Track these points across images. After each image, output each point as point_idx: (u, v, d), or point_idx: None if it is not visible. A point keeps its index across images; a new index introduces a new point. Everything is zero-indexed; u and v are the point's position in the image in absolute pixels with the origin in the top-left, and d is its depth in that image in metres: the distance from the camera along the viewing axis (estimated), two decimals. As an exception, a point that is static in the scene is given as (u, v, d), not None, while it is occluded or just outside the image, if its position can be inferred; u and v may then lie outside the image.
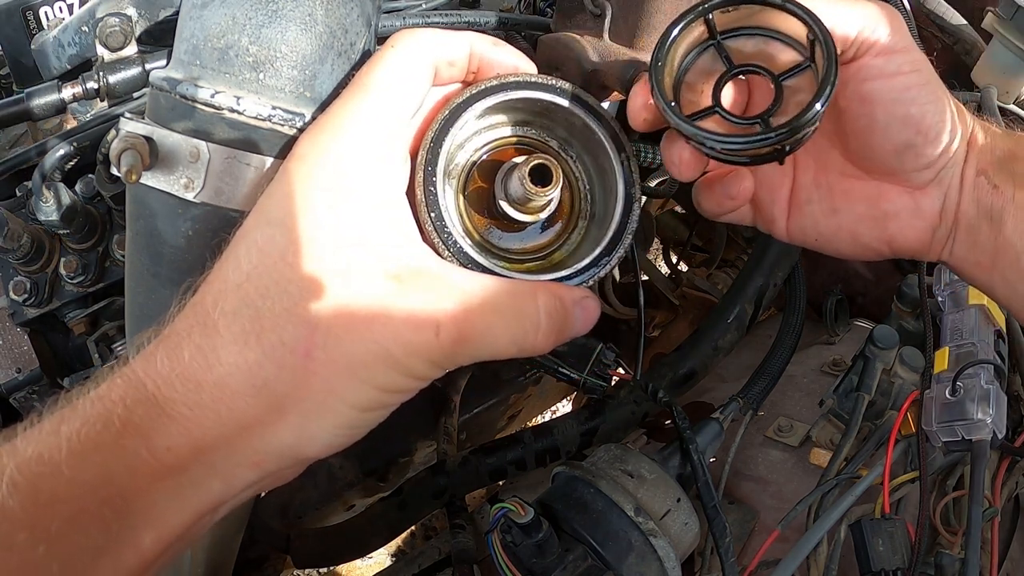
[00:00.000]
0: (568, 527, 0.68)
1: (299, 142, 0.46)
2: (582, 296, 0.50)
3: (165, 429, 0.43)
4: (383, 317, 0.43)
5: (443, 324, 0.44)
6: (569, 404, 1.91)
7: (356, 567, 1.95)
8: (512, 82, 0.51)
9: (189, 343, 0.43)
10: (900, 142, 0.53)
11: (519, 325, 0.47)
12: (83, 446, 0.41)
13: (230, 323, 0.43)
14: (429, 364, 0.45)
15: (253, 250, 0.44)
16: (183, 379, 0.43)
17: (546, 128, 0.55)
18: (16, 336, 0.78)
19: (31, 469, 0.41)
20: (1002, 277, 0.56)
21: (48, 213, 0.71)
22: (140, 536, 0.43)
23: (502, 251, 0.53)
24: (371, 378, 0.44)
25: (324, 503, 1.07)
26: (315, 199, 0.44)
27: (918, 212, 0.56)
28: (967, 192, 0.55)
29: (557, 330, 0.48)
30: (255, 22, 0.47)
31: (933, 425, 0.78)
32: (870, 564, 0.73)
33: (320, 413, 0.44)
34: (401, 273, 0.45)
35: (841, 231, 0.58)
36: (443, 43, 0.48)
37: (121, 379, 0.44)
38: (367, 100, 0.46)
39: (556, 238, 0.55)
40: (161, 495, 0.43)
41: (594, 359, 0.85)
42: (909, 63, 0.52)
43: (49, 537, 0.40)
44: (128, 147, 0.46)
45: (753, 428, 0.91)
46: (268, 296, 0.43)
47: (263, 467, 0.45)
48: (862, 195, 0.57)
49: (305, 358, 0.43)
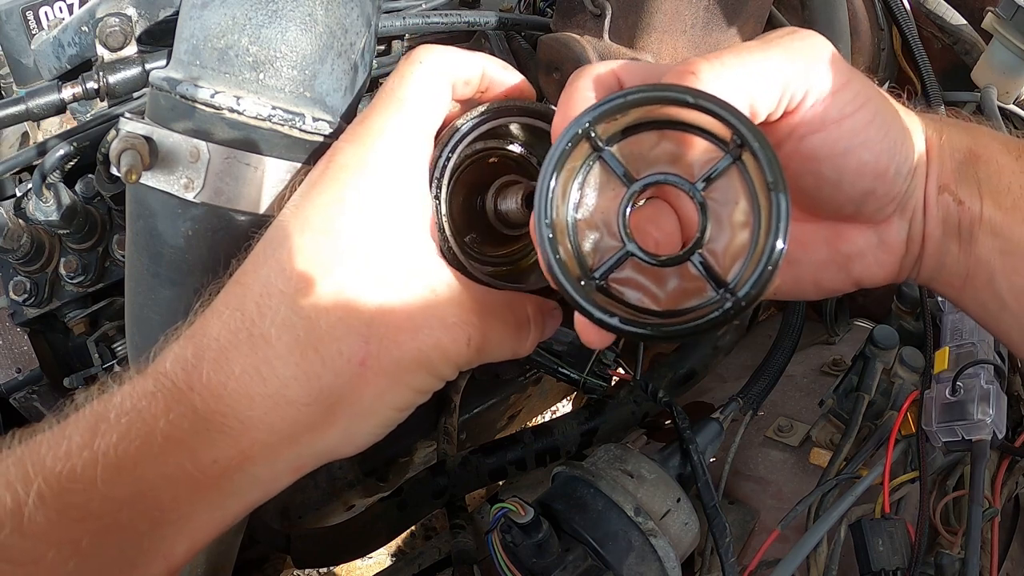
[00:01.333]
0: (568, 527, 0.68)
1: (339, 150, 0.47)
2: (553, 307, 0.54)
3: (213, 443, 0.42)
4: (426, 327, 0.45)
5: (472, 334, 0.47)
6: (569, 404, 1.91)
7: (356, 567, 1.95)
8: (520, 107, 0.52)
9: (237, 355, 0.43)
10: (857, 193, 0.48)
11: (516, 333, 0.51)
12: (120, 460, 0.41)
13: (281, 334, 0.43)
14: (454, 368, 0.47)
15: (300, 258, 0.44)
16: (235, 394, 0.43)
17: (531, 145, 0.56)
18: (16, 336, 0.78)
19: (60, 484, 0.40)
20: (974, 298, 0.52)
21: (48, 213, 0.71)
22: (173, 546, 0.43)
23: (479, 255, 0.55)
24: (412, 382, 0.46)
25: (324, 503, 1.07)
26: (361, 210, 0.45)
27: (883, 246, 0.51)
28: (931, 213, 0.50)
29: (538, 337, 0.53)
30: (255, 22, 0.47)
31: (933, 425, 0.78)
32: (870, 564, 0.72)
33: (367, 416, 0.46)
34: (436, 286, 0.47)
35: (801, 281, 0.53)
36: (461, 63, 0.50)
37: (161, 393, 0.42)
38: (402, 113, 0.47)
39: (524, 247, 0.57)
40: (200, 507, 0.43)
41: (594, 359, 0.85)
42: (852, 101, 0.45)
43: (79, 552, 0.39)
44: (128, 147, 0.46)
45: (753, 428, 0.91)
46: (320, 306, 0.44)
47: (303, 470, 0.46)
48: (820, 239, 0.52)
49: (361, 366, 0.44)
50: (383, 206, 0.46)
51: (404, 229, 0.46)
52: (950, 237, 0.50)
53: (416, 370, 0.46)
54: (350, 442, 0.47)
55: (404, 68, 0.48)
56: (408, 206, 0.47)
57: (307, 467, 0.46)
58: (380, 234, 0.45)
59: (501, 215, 0.54)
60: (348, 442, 0.46)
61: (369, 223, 0.45)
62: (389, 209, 0.46)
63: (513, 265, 0.57)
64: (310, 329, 0.43)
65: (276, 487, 0.46)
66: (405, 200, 0.47)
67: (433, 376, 0.47)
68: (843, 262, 0.52)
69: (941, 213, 0.50)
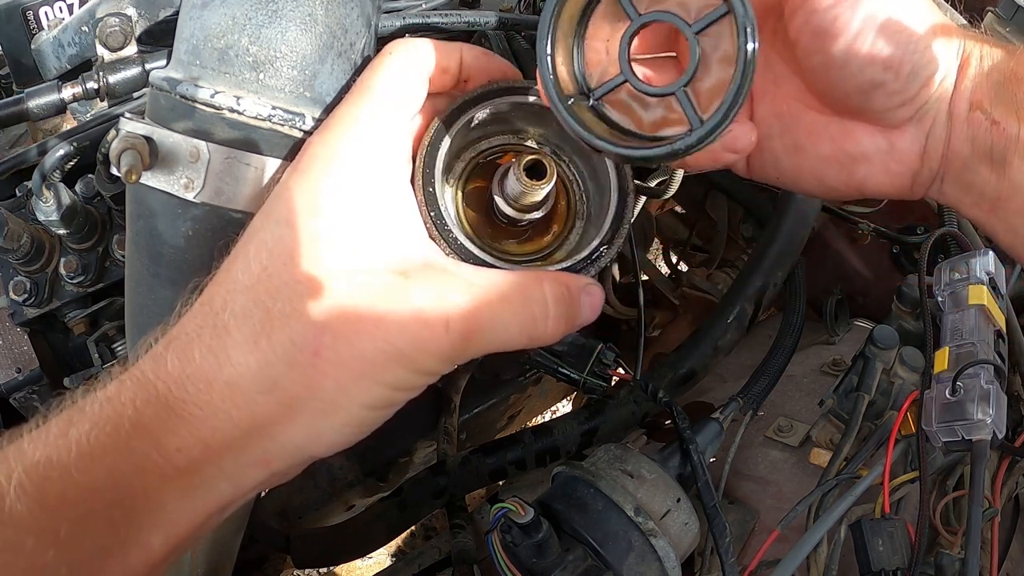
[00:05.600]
0: (568, 527, 0.68)
1: (309, 143, 0.47)
2: (587, 283, 0.50)
3: (176, 430, 0.43)
4: (392, 315, 0.43)
5: (452, 318, 0.44)
6: (569, 404, 1.91)
7: (356, 567, 1.95)
8: (504, 87, 0.52)
9: (199, 344, 0.43)
10: (865, 81, 0.46)
11: (527, 313, 0.46)
12: (92, 449, 0.41)
13: (240, 324, 0.43)
14: (439, 360, 0.45)
15: (263, 251, 0.44)
16: (194, 380, 0.43)
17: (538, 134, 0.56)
18: (16, 336, 0.78)
19: (39, 473, 0.40)
20: (1006, 224, 0.48)
21: (48, 213, 0.71)
22: (149, 537, 0.43)
23: (502, 253, 0.53)
24: (381, 377, 0.44)
25: (324, 503, 1.07)
26: (324, 200, 0.44)
27: (893, 154, 0.49)
28: (958, 129, 0.47)
29: (566, 317, 0.48)
30: (255, 22, 0.47)
31: (933, 425, 0.78)
32: (870, 564, 0.72)
33: (330, 412, 0.44)
34: (408, 269, 0.45)
35: (803, 172, 0.52)
36: (435, 51, 0.49)
37: (130, 380, 0.44)
38: (372, 103, 0.47)
39: (554, 239, 0.55)
40: (171, 496, 0.43)
41: (594, 359, 0.85)
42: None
43: (58, 541, 0.40)
44: (128, 147, 0.46)
45: (753, 428, 0.91)
46: (278, 297, 0.43)
47: (271, 466, 0.45)
48: (826, 134, 0.50)
49: (314, 357, 0.43)
50: (351, 194, 0.45)
51: (369, 215, 0.45)
52: (980, 158, 0.47)
53: (385, 363, 0.43)
54: (318, 440, 0.45)
55: (376, 61, 0.48)
56: (375, 192, 0.46)
57: (277, 464, 0.45)
58: (346, 222, 0.44)
59: (511, 200, 0.52)
60: (316, 439, 0.45)
61: (335, 212, 0.44)
62: (357, 196, 0.45)
63: (547, 260, 0.54)
64: (265, 319, 0.43)
65: (246, 481, 0.45)
66: (372, 186, 0.46)
67: (411, 371, 0.44)
68: (847, 161, 0.50)
69: (971, 132, 0.47)
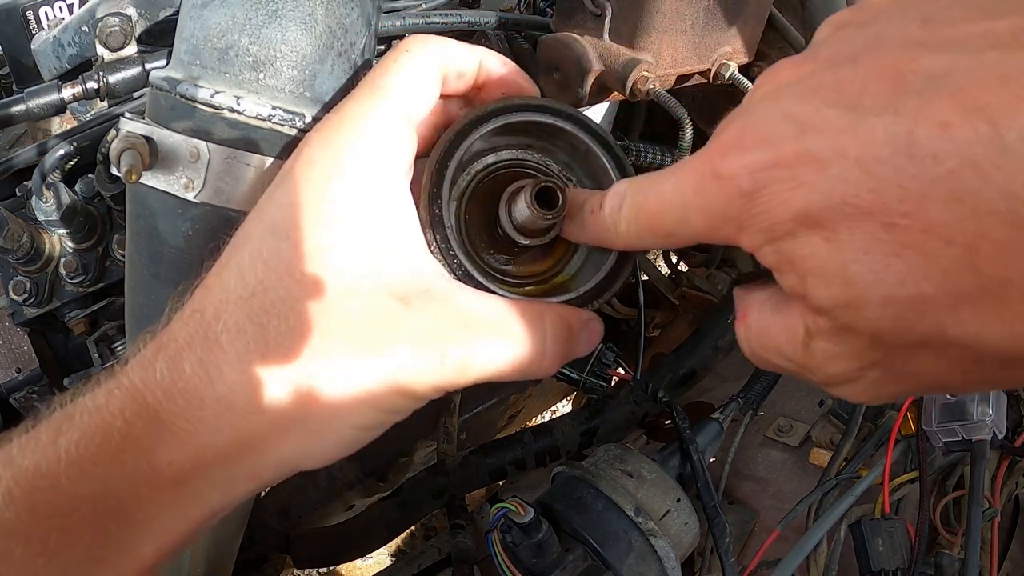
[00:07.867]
0: (568, 527, 0.68)
1: (308, 143, 0.44)
2: (588, 319, 0.49)
3: (166, 443, 0.42)
4: (389, 343, 0.42)
5: (448, 352, 0.43)
6: (569, 404, 1.92)
7: (356, 567, 1.95)
8: (518, 104, 0.50)
9: (190, 355, 0.42)
10: None
11: (524, 350, 0.45)
12: (82, 459, 0.40)
13: (233, 339, 0.42)
14: (433, 389, 0.44)
15: (258, 262, 0.42)
16: (184, 393, 0.42)
17: (548, 152, 0.54)
18: (16, 336, 0.78)
19: (29, 481, 0.40)
20: None
21: (48, 213, 0.71)
22: (140, 547, 0.42)
23: (502, 274, 0.51)
24: (374, 402, 0.43)
25: (324, 503, 1.07)
26: (326, 212, 0.42)
27: None
28: None
29: (562, 355, 0.47)
30: (255, 22, 0.47)
31: (933, 425, 0.78)
32: (870, 564, 0.73)
33: (322, 433, 0.43)
34: (408, 295, 0.43)
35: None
36: (455, 54, 0.47)
37: (119, 390, 0.42)
38: (384, 102, 0.44)
39: (556, 263, 0.53)
40: (162, 507, 0.42)
41: (594, 359, 0.85)
42: None
43: (47, 550, 0.39)
44: (128, 147, 0.46)
45: (753, 428, 0.91)
46: (273, 314, 0.42)
47: (262, 478, 0.45)
48: None
49: (308, 380, 0.42)
50: (354, 204, 0.43)
51: (373, 232, 0.43)
52: None
53: (377, 389, 0.42)
54: (309, 457, 0.44)
55: (389, 57, 0.46)
56: (379, 206, 0.43)
57: (267, 476, 0.45)
58: (348, 237, 0.42)
59: (518, 225, 0.49)
60: (307, 457, 0.44)
61: (333, 226, 0.42)
62: (356, 209, 0.42)
63: (547, 283, 0.52)
64: (259, 337, 0.42)
65: (237, 492, 0.44)
66: (376, 199, 0.43)
67: (405, 397, 0.43)
68: None
69: None
